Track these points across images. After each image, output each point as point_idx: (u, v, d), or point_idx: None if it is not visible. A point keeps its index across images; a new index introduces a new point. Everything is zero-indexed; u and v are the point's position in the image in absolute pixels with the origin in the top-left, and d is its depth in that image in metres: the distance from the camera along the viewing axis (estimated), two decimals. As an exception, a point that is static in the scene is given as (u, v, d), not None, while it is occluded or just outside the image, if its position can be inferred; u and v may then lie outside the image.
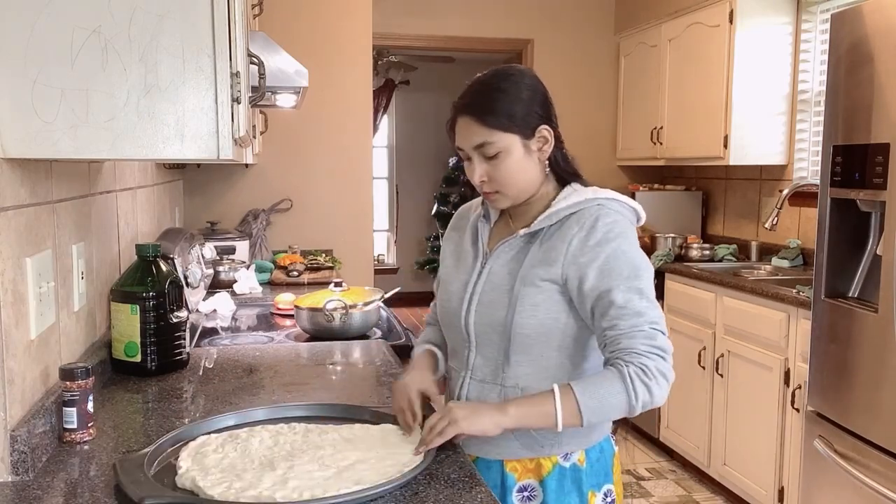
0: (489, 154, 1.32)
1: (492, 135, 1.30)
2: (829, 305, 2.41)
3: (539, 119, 1.33)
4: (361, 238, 3.98)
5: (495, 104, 1.31)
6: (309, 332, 2.25)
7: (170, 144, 1.15)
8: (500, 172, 1.33)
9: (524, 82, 1.34)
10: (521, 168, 1.33)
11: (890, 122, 2.14)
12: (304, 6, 3.76)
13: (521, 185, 1.35)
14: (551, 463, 1.36)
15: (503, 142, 1.31)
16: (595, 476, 1.39)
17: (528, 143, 1.33)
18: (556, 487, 1.36)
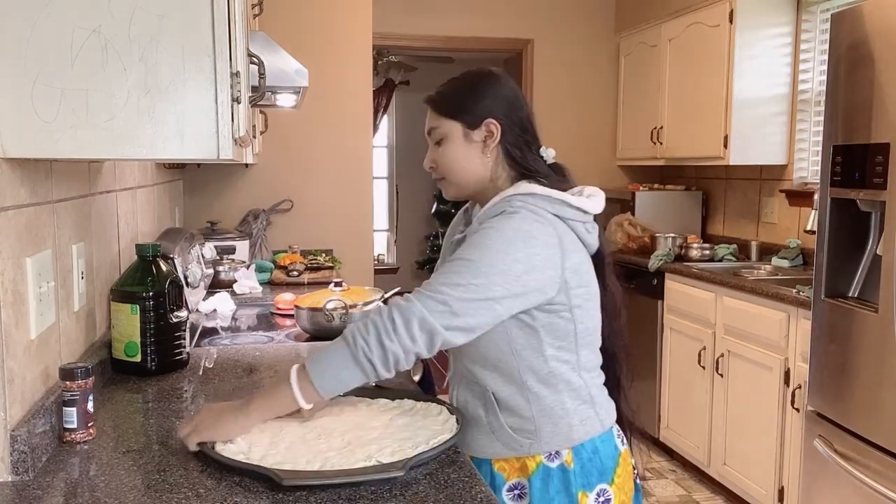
0: (435, 139, 1.41)
1: (437, 120, 1.40)
2: (829, 305, 2.41)
3: (487, 112, 1.38)
4: (361, 238, 3.98)
5: (447, 93, 1.41)
6: (309, 332, 2.25)
7: (170, 144, 1.15)
8: (442, 158, 1.40)
9: (485, 79, 1.41)
10: (460, 156, 1.39)
11: (890, 122, 2.14)
12: (304, 6, 3.76)
13: (461, 174, 1.40)
14: (535, 462, 1.36)
15: (445, 127, 1.39)
16: (586, 476, 1.36)
17: (470, 133, 1.38)
18: (541, 487, 1.35)
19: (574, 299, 1.33)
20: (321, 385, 1.22)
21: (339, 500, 1.09)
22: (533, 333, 1.32)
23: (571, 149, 5.01)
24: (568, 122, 5.01)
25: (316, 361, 1.23)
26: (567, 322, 1.34)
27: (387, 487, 1.13)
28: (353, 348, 1.21)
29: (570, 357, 1.36)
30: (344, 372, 1.22)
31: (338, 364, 1.22)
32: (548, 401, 1.34)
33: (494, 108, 1.38)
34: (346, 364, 1.22)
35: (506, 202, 1.33)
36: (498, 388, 1.36)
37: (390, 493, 1.11)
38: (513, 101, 1.41)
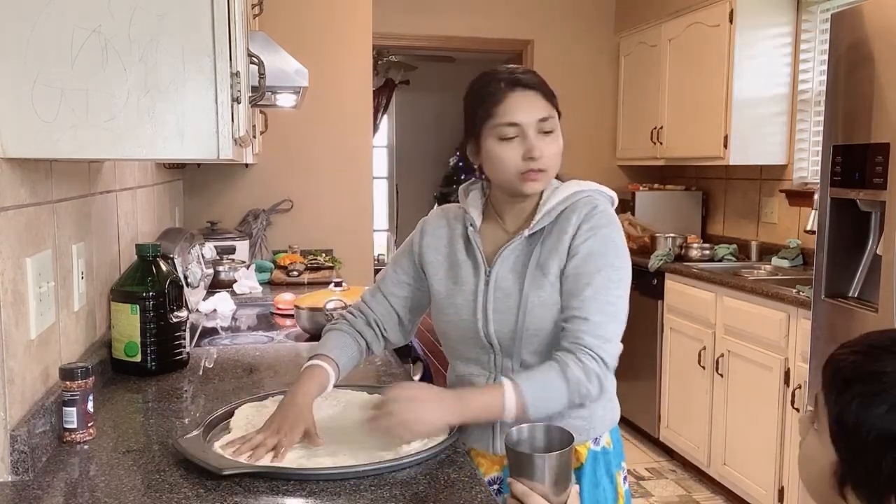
0: (548, 129, 1.34)
1: (551, 111, 1.36)
2: (829, 305, 2.41)
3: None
4: (361, 238, 3.98)
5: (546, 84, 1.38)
6: (309, 332, 2.25)
7: (170, 144, 1.15)
8: (553, 149, 1.35)
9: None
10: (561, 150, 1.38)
11: (890, 122, 2.14)
12: (304, 6, 3.75)
13: (559, 168, 1.39)
14: (585, 449, 1.40)
15: (556, 118, 1.37)
16: (617, 456, 1.45)
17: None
18: (591, 472, 1.40)
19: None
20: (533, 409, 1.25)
21: (338, 499, 1.09)
22: None
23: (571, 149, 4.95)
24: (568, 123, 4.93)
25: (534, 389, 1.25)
26: None
27: (386, 486, 1.13)
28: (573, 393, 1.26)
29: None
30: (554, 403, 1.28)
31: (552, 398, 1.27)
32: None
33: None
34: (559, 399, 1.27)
35: (587, 197, 1.37)
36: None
37: (390, 492, 1.11)
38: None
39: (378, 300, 1.52)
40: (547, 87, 1.37)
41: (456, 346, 1.44)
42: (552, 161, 1.35)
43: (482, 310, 1.37)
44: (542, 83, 1.37)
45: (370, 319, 1.51)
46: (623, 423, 4.23)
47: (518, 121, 1.32)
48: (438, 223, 1.49)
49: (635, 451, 3.99)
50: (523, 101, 1.33)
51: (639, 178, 5.02)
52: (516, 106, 1.33)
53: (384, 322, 1.51)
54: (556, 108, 1.37)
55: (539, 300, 1.33)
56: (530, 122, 1.32)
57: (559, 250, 1.33)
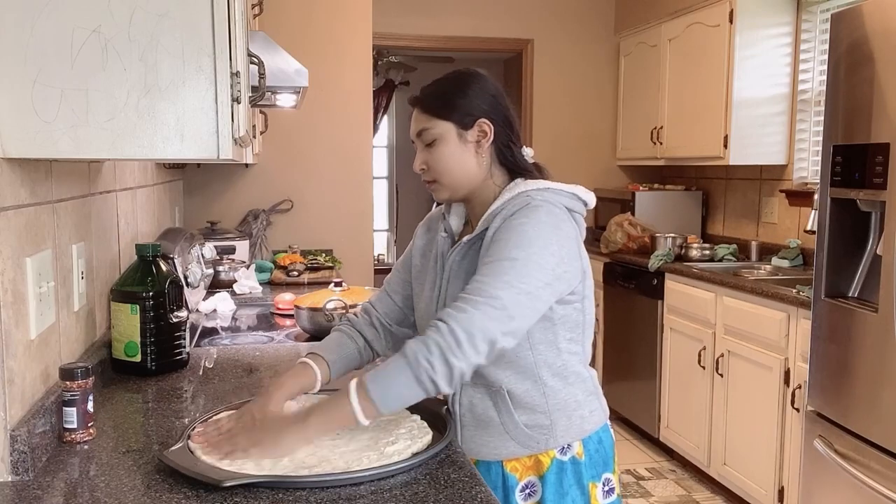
0: (427, 141, 1.37)
1: (429, 121, 1.36)
2: (829, 305, 2.41)
3: (480, 112, 1.36)
4: (361, 238, 3.98)
5: (437, 94, 1.37)
6: (309, 332, 2.25)
7: (170, 144, 1.15)
8: (435, 160, 1.36)
9: (472, 79, 1.38)
10: (454, 157, 1.36)
11: (890, 122, 2.14)
12: (304, 6, 3.76)
13: (456, 175, 1.37)
14: (549, 458, 1.37)
15: (438, 129, 1.35)
16: (594, 467, 1.41)
17: (464, 134, 1.36)
18: (556, 481, 1.37)
19: (586, 290, 1.38)
20: (383, 404, 1.19)
21: (338, 500, 1.09)
22: (550, 327, 1.34)
23: (571, 149, 5.02)
24: (568, 122, 5.01)
25: (377, 381, 1.19)
26: (578, 313, 1.37)
27: (386, 487, 1.13)
28: (415, 368, 1.18)
29: (578, 349, 1.39)
30: (405, 390, 1.19)
31: (400, 384, 1.19)
32: (562, 394, 1.37)
33: (486, 108, 1.36)
34: (408, 384, 1.19)
35: (524, 197, 1.32)
36: (513, 386, 1.35)
37: (390, 492, 1.11)
38: (500, 101, 1.39)
39: (382, 299, 1.56)
40: (430, 99, 1.36)
41: None
42: (438, 169, 1.36)
43: (435, 310, 1.39)
44: (428, 95, 1.37)
45: (373, 318, 1.54)
46: (623, 422, 4.25)
47: (411, 137, 1.40)
48: (425, 226, 1.56)
49: (635, 452, 3.99)
50: (413, 118, 1.39)
51: (639, 178, 5.02)
52: (412, 122, 1.40)
53: (389, 318, 1.54)
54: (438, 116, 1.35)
55: None
56: (413, 136, 1.39)
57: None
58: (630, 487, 3.53)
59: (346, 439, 1.27)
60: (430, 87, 1.40)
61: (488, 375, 1.35)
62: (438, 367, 1.17)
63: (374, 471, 1.15)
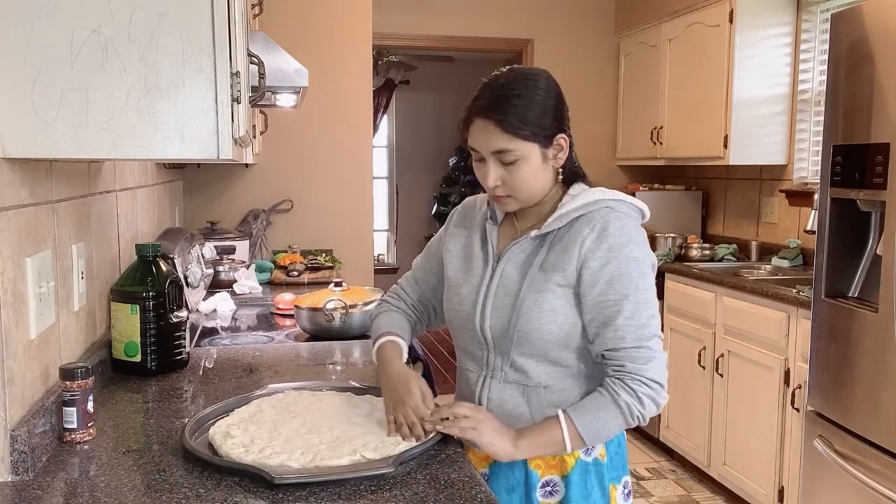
0: (507, 161, 1.31)
1: (512, 142, 1.29)
2: (829, 305, 2.41)
3: (556, 127, 1.33)
4: (361, 238, 3.98)
5: (517, 111, 1.29)
6: (309, 332, 2.25)
7: (170, 144, 1.15)
8: (516, 179, 1.32)
9: (542, 87, 1.33)
10: (536, 176, 1.33)
11: (890, 122, 2.14)
12: (304, 6, 3.76)
13: (534, 192, 1.35)
14: (574, 458, 1.37)
15: (522, 150, 1.30)
16: (615, 469, 1.42)
17: (546, 152, 1.33)
18: (579, 482, 1.37)
19: None
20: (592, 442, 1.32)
21: (338, 500, 1.09)
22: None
23: (571, 149, 5.01)
24: (568, 122, 5.00)
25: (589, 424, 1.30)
26: None
27: (387, 487, 1.13)
28: (627, 417, 1.30)
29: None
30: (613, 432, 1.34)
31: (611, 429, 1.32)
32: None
33: (560, 121, 1.34)
34: (618, 428, 1.33)
35: (605, 208, 1.34)
36: (552, 383, 1.36)
37: (390, 492, 1.11)
38: (564, 104, 1.37)
39: (412, 286, 1.61)
40: (511, 118, 1.28)
41: (457, 336, 1.47)
42: (517, 187, 1.33)
43: (482, 303, 1.38)
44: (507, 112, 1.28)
45: (408, 304, 1.60)
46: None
47: (477, 148, 1.33)
48: (465, 212, 1.53)
49: (635, 452, 3.99)
50: (482, 131, 1.31)
51: (639, 178, 5.02)
52: (477, 134, 1.32)
53: (419, 306, 1.59)
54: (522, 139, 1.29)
55: (535, 303, 1.32)
56: (486, 152, 1.32)
57: (567, 258, 1.31)
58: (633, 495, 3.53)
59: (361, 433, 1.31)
60: (505, 100, 1.30)
61: (529, 371, 1.36)
62: (648, 413, 1.31)
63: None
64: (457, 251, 1.48)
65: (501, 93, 1.31)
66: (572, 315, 1.32)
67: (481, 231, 1.45)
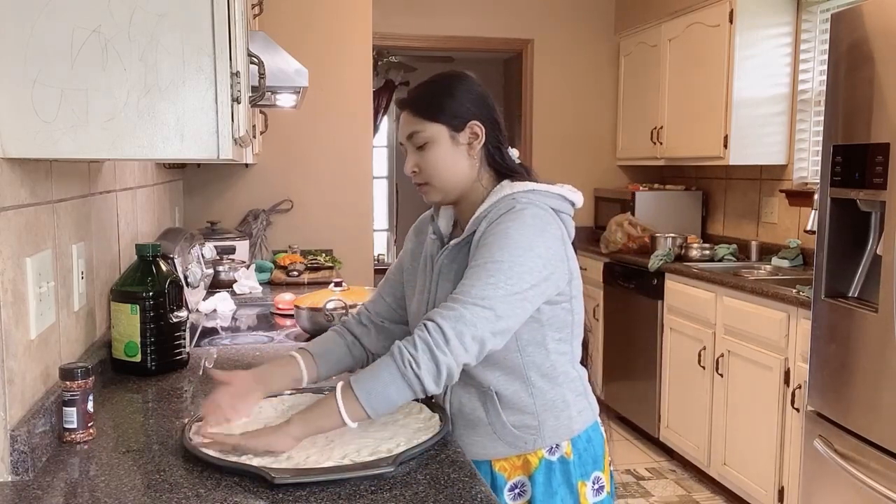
0: (418, 143, 1.36)
1: (420, 124, 1.35)
2: (829, 305, 2.41)
3: (471, 114, 1.36)
4: (361, 238, 3.98)
5: (427, 96, 1.37)
6: (309, 332, 2.25)
7: (170, 144, 1.15)
8: (428, 162, 1.36)
9: (459, 81, 1.39)
10: (447, 159, 1.36)
11: (890, 122, 2.14)
12: (304, 6, 3.76)
13: (449, 177, 1.37)
14: (538, 458, 1.38)
15: (430, 131, 1.35)
16: (583, 466, 1.41)
17: (457, 136, 1.36)
18: (544, 481, 1.37)
19: (573, 290, 1.38)
20: (368, 404, 1.18)
21: (338, 500, 1.09)
22: (538, 328, 1.34)
23: (571, 149, 5.02)
24: (568, 122, 5.00)
25: (362, 380, 1.20)
26: (566, 313, 1.38)
27: (387, 487, 1.13)
28: (400, 365, 1.18)
29: (567, 349, 1.40)
30: (391, 388, 1.18)
31: (385, 381, 1.18)
32: (550, 395, 1.37)
33: (475, 110, 1.36)
34: (393, 380, 1.18)
35: (510, 200, 1.32)
36: (501, 387, 1.36)
37: (390, 492, 1.11)
38: (488, 101, 1.40)
39: (375, 300, 1.59)
40: (421, 102, 1.36)
41: None
42: (430, 173, 1.36)
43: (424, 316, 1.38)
44: (417, 97, 1.37)
45: (362, 318, 1.56)
46: (623, 422, 4.25)
47: (400, 140, 1.40)
48: (416, 230, 1.58)
49: (635, 452, 3.99)
50: (401, 121, 1.39)
51: (639, 178, 5.02)
52: (400, 127, 1.40)
53: (381, 316, 1.56)
54: (429, 119, 1.34)
55: None
56: (403, 138, 1.39)
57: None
58: (630, 487, 3.53)
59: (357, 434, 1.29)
60: (419, 90, 1.40)
61: (477, 376, 1.36)
62: (424, 363, 1.17)
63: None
64: (408, 268, 1.52)
65: (419, 86, 1.41)
66: None
67: (426, 245, 1.48)
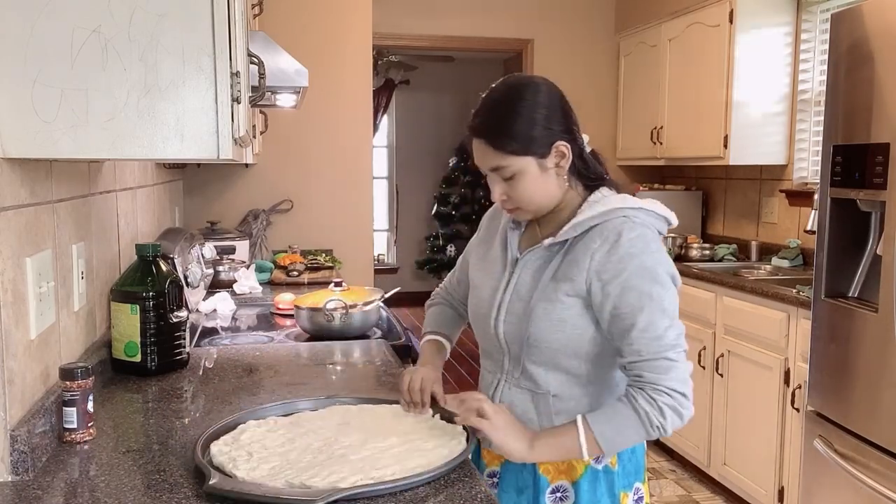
0: (505, 176, 1.32)
1: (505, 159, 1.30)
2: (829, 305, 2.41)
3: (554, 135, 1.31)
4: (361, 238, 3.98)
5: (509, 128, 1.29)
6: (309, 332, 2.25)
7: (170, 144, 1.15)
8: (518, 192, 1.32)
9: (538, 100, 1.31)
10: (538, 186, 1.32)
11: (890, 122, 2.14)
12: (304, 6, 3.76)
13: (540, 201, 1.35)
14: (583, 465, 1.37)
15: (517, 165, 1.30)
16: (626, 477, 1.41)
17: (544, 162, 1.31)
18: (589, 489, 1.37)
19: None
20: (609, 451, 1.30)
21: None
22: (605, 340, 1.33)
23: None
24: (568, 122, 5.00)
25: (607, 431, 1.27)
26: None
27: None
28: (647, 427, 1.26)
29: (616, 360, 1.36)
30: (632, 441, 1.32)
31: (629, 438, 1.30)
32: (604, 402, 1.36)
33: (556, 128, 1.31)
34: (637, 438, 1.30)
35: (621, 217, 1.30)
36: (560, 390, 1.36)
37: (390, 492, 1.11)
38: (564, 110, 1.35)
39: (453, 285, 1.65)
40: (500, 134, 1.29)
41: (478, 336, 1.49)
42: (521, 199, 1.33)
43: (497, 307, 1.39)
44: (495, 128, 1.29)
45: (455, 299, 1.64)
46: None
47: (478, 165, 1.35)
48: (492, 216, 1.55)
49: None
50: (478, 150, 1.33)
51: (639, 178, 5.02)
52: (475, 153, 1.35)
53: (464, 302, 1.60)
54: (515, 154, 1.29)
55: (544, 312, 1.31)
56: (485, 170, 1.35)
57: (577, 269, 1.30)
58: None
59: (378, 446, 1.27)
60: (492, 115, 1.31)
61: (538, 378, 1.36)
62: (670, 423, 1.27)
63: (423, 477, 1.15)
64: (480, 255, 1.51)
65: (494, 110, 1.32)
66: (581, 325, 1.31)
67: (502, 236, 1.46)
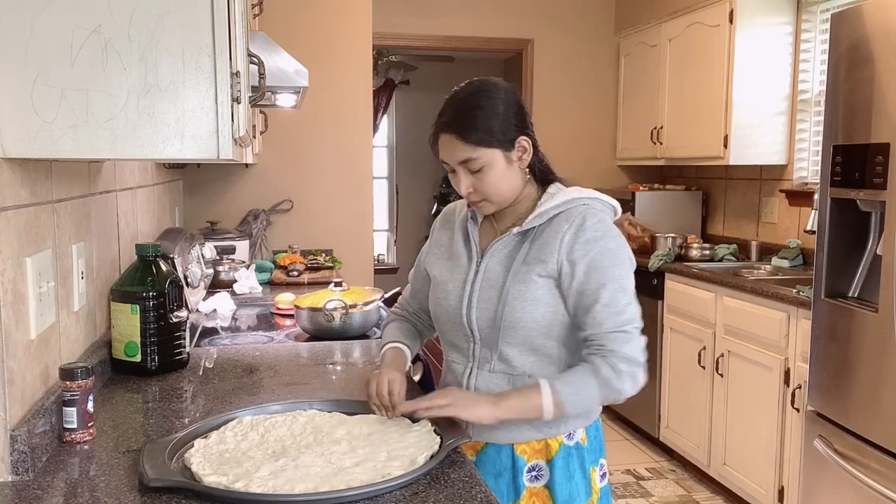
0: (473, 168, 1.40)
1: (474, 151, 1.38)
2: (829, 305, 2.41)
3: (516, 131, 1.41)
4: (361, 238, 3.98)
5: (475, 121, 1.38)
6: (309, 332, 2.25)
7: (170, 144, 1.15)
8: (485, 184, 1.41)
9: (499, 97, 1.40)
10: (504, 178, 1.41)
11: (890, 122, 2.14)
12: (304, 6, 3.75)
13: (505, 193, 1.44)
14: (557, 443, 1.45)
15: (486, 157, 1.38)
16: (593, 452, 1.50)
17: (509, 155, 1.41)
18: (563, 465, 1.45)
19: None
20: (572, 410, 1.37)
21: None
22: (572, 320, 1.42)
23: (571, 149, 5.01)
24: (568, 122, 5.01)
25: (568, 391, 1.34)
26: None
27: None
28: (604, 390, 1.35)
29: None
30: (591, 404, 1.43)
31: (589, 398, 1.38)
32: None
33: (518, 124, 1.41)
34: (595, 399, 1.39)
35: (581, 205, 1.41)
36: (536, 371, 1.42)
37: (390, 493, 1.11)
38: (523, 108, 1.44)
39: (412, 297, 1.69)
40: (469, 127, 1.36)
41: (443, 330, 1.54)
42: (488, 191, 1.41)
43: (468, 296, 1.46)
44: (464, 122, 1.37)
45: (411, 313, 1.68)
46: (623, 422, 4.25)
47: (446, 161, 1.42)
48: (446, 218, 1.61)
49: (635, 452, 3.99)
50: (447, 145, 1.40)
51: (639, 178, 5.02)
52: (443, 148, 1.42)
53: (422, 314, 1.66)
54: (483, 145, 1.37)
55: (519, 293, 1.39)
56: (454, 163, 1.41)
57: (548, 251, 1.39)
58: (630, 487, 3.53)
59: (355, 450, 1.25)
60: (461, 112, 1.39)
61: (513, 360, 1.43)
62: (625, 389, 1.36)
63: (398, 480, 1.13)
64: (441, 253, 1.57)
65: (460, 106, 1.40)
66: (554, 304, 1.40)
67: (463, 231, 1.53)
